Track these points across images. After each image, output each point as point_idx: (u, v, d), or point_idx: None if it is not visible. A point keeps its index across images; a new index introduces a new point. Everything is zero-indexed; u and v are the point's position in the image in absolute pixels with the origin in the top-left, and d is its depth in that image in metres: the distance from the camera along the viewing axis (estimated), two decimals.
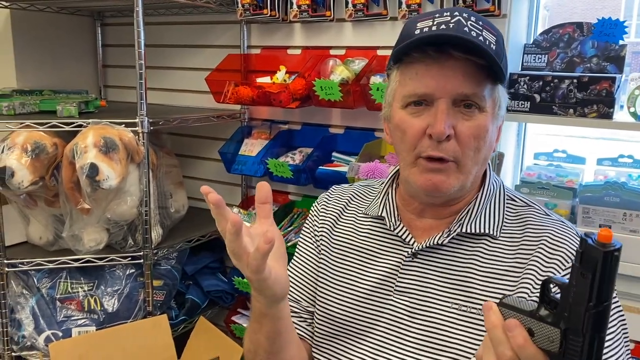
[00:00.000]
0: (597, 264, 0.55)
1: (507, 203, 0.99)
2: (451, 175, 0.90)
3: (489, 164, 1.01)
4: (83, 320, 1.84)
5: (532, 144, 1.96)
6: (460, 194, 0.96)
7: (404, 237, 0.99)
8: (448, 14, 0.89)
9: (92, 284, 1.88)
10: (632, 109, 1.53)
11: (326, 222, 1.11)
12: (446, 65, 0.87)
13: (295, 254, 1.16)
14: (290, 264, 1.15)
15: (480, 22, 0.89)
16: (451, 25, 0.87)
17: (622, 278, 1.54)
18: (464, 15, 0.89)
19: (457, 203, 0.97)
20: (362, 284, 1.01)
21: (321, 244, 1.11)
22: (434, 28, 0.87)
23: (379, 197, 1.07)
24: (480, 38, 0.87)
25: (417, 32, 0.89)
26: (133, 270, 1.91)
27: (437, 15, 0.90)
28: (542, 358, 0.61)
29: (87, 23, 2.58)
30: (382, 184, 1.10)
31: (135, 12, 1.71)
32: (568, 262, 0.88)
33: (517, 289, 0.89)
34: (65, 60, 2.48)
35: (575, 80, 1.56)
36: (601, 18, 1.61)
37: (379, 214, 1.04)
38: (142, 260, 1.84)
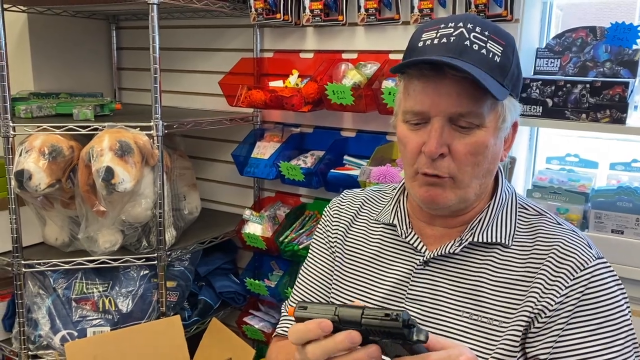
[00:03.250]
0: None
1: (519, 211, 0.99)
2: (447, 190, 0.91)
3: (501, 172, 1.01)
4: (98, 321, 1.87)
5: (544, 148, 1.96)
6: (464, 205, 0.96)
7: (415, 245, 1.00)
8: (452, 24, 0.88)
9: (106, 285, 1.91)
10: None
11: (340, 228, 1.12)
12: (442, 84, 0.86)
13: (309, 259, 1.16)
14: (304, 269, 1.16)
15: (487, 32, 0.88)
16: (452, 39, 0.86)
17: (632, 283, 1.54)
18: (469, 26, 0.88)
19: (466, 214, 0.98)
20: (374, 291, 1.02)
21: (335, 249, 1.11)
22: (435, 41, 0.87)
23: (390, 204, 1.08)
24: (483, 51, 0.86)
25: (420, 44, 0.89)
26: (147, 272, 1.94)
27: (442, 25, 0.89)
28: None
29: (102, 26, 2.61)
30: (394, 189, 1.11)
31: (150, 17, 1.73)
32: (577, 272, 0.88)
33: (526, 298, 0.90)
34: (80, 63, 2.52)
35: (588, 85, 1.56)
36: (614, 22, 1.61)
37: (391, 221, 1.05)
38: (156, 262, 1.87)
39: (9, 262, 1.83)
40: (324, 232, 1.15)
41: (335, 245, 1.11)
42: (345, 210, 1.14)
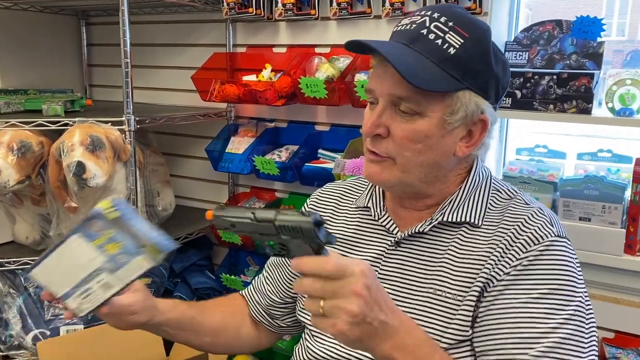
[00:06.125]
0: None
1: (492, 194, 1.01)
2: (385, 170, 0.95)
3: (477, 157, 1.02)
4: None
5: (514, 139, 2.00)
6: (412, 190, 0.98)
7: (387, 226, 1.03)
8: (422, 13, 0.93)
9: None
10: (609, 105, 1.57)
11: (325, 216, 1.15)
12: (388, 67, 0.89)
13: None
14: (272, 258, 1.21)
15: (451, 23, 0.89)
16: (413, 27, 0.91)
17: (599, 269, 1.58)
18: (435, 15, 0.90)
19: (428, 197, 1.00)
20: None
21: None
22: (401, 28, 0.94)
23: (367, 189, 1.11)
24: (438, 41, 0.88)
25: (394, 29, 0.95)
26: None
27: (416, 14, 0.94)
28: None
29: (71, 22, 2.57)
30: None
31: (120, 11, 1.71)
32: (531, 245, 0.90)
33: (482, 270, 0.92)
34: (49, 60, 2.47)
35: (555, 77, 1.60)
36: (580, 16, 1.65)
37: (365, 204, 1.08)
38: None
39: None
40: None
41: None
42: (326, 200, 1.17)
